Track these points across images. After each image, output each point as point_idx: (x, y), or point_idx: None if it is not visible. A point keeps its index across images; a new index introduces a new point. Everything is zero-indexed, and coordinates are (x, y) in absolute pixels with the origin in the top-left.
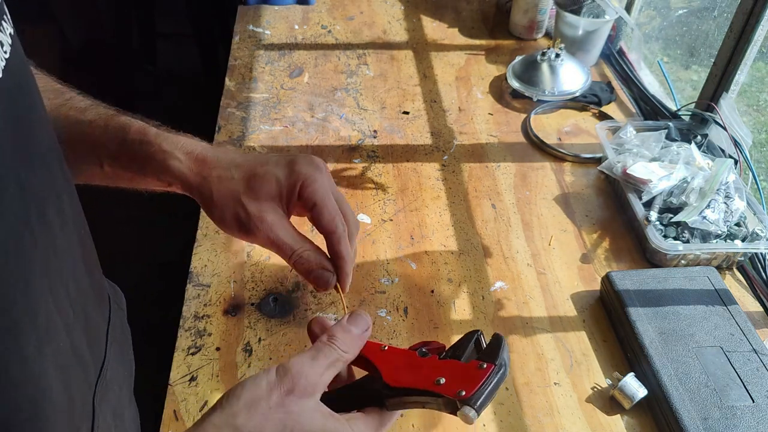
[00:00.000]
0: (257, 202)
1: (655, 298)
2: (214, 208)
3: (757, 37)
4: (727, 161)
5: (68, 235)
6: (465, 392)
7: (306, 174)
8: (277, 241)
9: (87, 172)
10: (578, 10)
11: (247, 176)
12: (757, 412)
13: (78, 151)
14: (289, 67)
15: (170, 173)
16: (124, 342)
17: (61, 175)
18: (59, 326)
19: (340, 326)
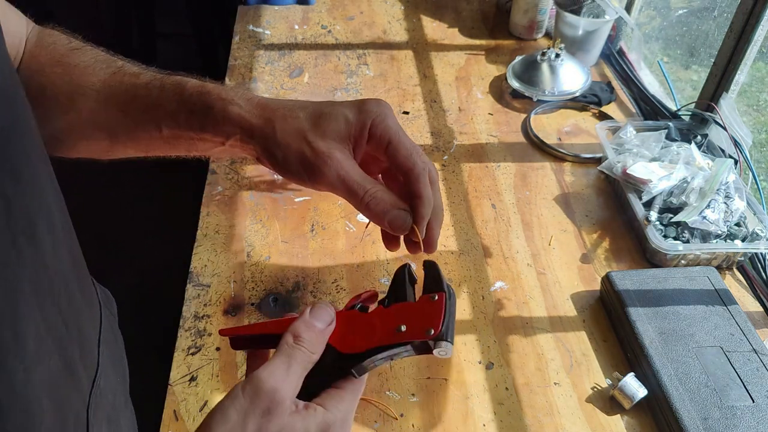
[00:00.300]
0: (324, 141)
1: (655, 298)
2: (276, 149)
3: (757, 37)
4: (727, 161)
5: (59, 250)
6: (433, 330)
7: (376, 112)
8: (347, 178)
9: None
10: (578, 10)
11: (313, 115)
12: (757, 412)
13: (136, 117)
14: (289, 67)
15: (231, 120)
16: (116, 348)
17: (51, 188)
18: (50, 346)
19: (303, 323)
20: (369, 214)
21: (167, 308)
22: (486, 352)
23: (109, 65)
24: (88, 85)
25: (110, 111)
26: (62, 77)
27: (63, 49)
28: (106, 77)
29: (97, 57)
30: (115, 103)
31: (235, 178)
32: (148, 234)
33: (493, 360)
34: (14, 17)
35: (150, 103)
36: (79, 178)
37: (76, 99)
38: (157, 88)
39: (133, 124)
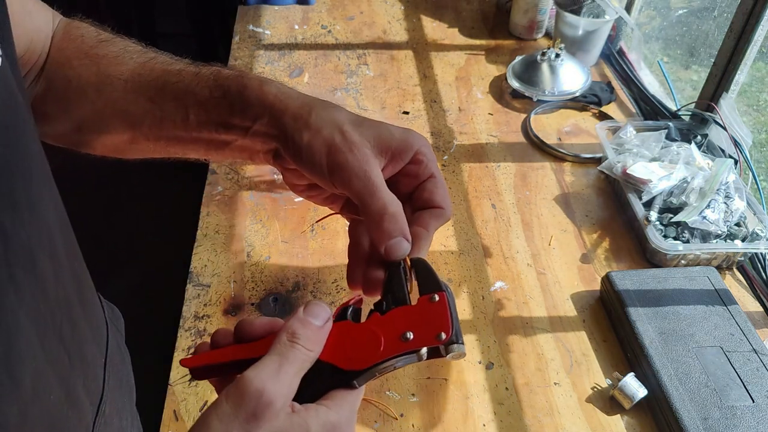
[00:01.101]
0: (361, 137)
1: (655, 298)
2: (305, 132)
3: (757, 37)
4: (727, 161)
5: (61, 276)
6: (444, 333)
7: (423, 143)
8: (371, 177)
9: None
10: (578, 10)
11: (356, 117)
12: (757, 412)
13: (164, 106)
14: (289, 67)
15: (263, 100)
16: (123, 367)
17: (53, 211)
18: (51, 380)
19: (298, 320)
20: (376, 227)
21: (167, 308)
22: (486, 352)
23: (140, 55)
24: (116, 75)
25: (138, 100)
26: (89, 68)
27: (91, 41)
28: (136, 66)
29: (126, 47)
30: (144, 91)
31: (235, 178)
32: (148, 234)
33: (493, 360)
34: (40, 11)
35: (181, 90)
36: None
37: (102, 89)
38: (192, 74)
39: (159, 113)
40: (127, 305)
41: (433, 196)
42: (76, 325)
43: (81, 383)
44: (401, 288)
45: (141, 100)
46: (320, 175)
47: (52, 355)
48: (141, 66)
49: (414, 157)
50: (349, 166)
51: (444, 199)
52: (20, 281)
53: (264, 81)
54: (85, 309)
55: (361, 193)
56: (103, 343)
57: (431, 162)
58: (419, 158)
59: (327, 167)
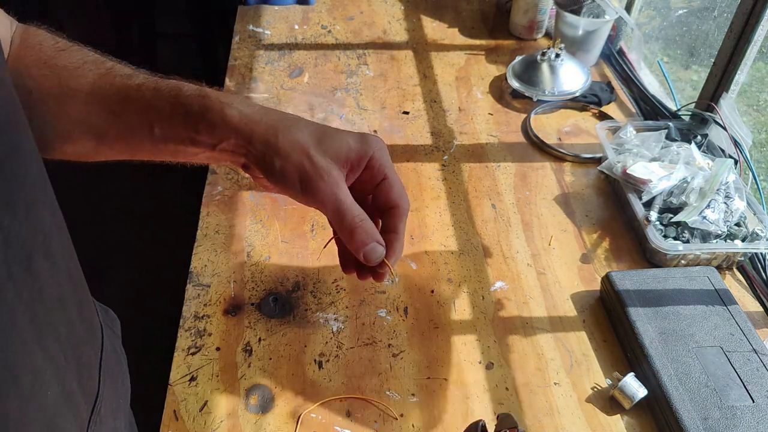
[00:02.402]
0: (325, 159)
1: (655, 298)
2: (276, 158)
3: (757, 37)
4: (727, 161)
5: (57, 277)
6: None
7: (376, 147)
8: (339, 199)
9: (135, 142)
10: (578, 10)
11: (317, 133)
12: (757, 412)
13: (127, 119)
14: (289, 67)
15: (228, 124)
16: (119, 369)
17: (49, 213)
18: (49, 377)
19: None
20: (350, 239)
21: (167, 308)
22: (486, 352)
23: (98, 66)
24: (77, 87)
25: (100, 113)
26: (50, 79)
27: (50, 51)
28: (96, 78)
29: (85, 58)
30: (106, 105)
31: (235, 178)
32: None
33: (493, 360)
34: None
35: (143, 105)
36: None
37: (64, 101)
38: (152, 90)
39: (124, 126)
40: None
41: (389, 195)
42: (72, 326)
43: (77, 382)
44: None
45: (103, 113)
46: (293, 195)
47: (49, 354)
48: (101, 78)
49: (368, 163)
50: (321, 192)
51: (399, 197)
52: (17, 280)
53: (225, 103)
54: (80, 310)
55: (333, 213)
56: (98, 345)
57: (383, 165)
58: (371, 164)
59: (300, 191)
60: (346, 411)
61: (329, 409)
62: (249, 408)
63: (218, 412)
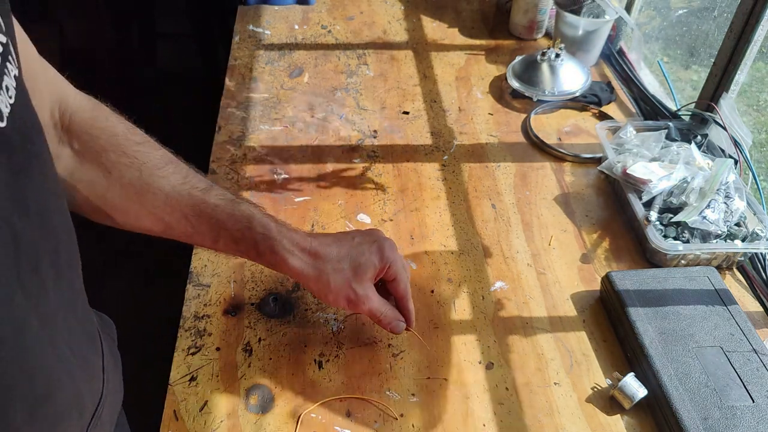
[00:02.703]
0: (362, 285)
1: (655, 298)
2: (329, 293)
3: (757, 37)
4: (727, 161)
5: (60, 284)
6: None
7: (390, 258)
8: (374, 310)
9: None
10: (578, 10)
11: (353, 267)
12: (757, 412)
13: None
14: (289, 67)
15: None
16: (115, 372)
17: (61, 223)
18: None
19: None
20: (380, 324)
21: (167, 308)
22: (486, 352)
23: (177, 170)
24: (158, 186)
25: (174, 214)
26: (131, 171)
27: (126, 141)
28: (175, 184)
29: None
30: (182, 209)
31: (235, 178)
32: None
33: (493, 360)
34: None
35: (215, 224)
36: None
37: (144, 195)
38: (227, 213)
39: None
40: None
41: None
42: (74, 331)
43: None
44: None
45: (177, 215)
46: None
47: (62, 355)
48: (180, 185)
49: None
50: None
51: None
52: (27, 283)
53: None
54: (78, 317)
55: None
56: (99, 349)
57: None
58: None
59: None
60: (346, 411)
61: (329, 409)
62: (249, 408)
63: (218, 412)
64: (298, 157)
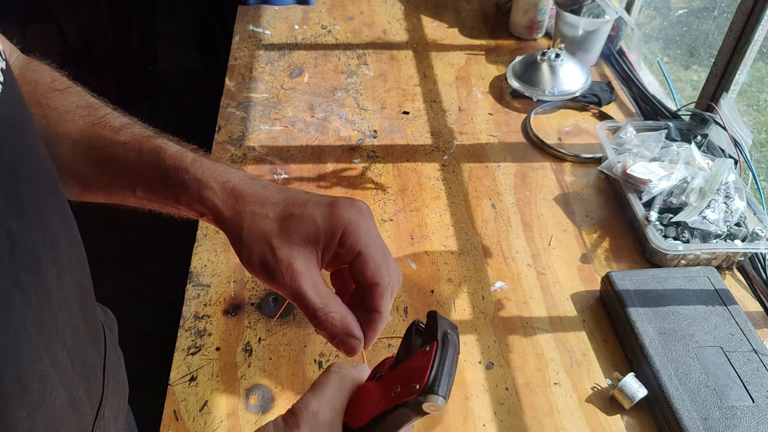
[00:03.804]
0: (289, 247)
1: (655, 298)
2: (242, 247)
3: (757, 37)
4: (727, 161)
5: (63, 281)
6: (418, 384)
7: (348, 218)
8: (301, 293)
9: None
10: (578, 10)
11: (282, 216)
12: (757, 412)
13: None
14: (289, 67)
15: (203, 203)
16: (119, 369)
17: (59, 218)
18: (56, 384)
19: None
20: (322, 332)
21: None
22: (486, 352)
23: (90, 113)
24: (64, 133)
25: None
26: (40, 120)
27: (44, 90)
28: (85, 126)
29: (78, 102)
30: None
31: None
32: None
33: (493, 360)
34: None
35: (126, 165)
36: None
37: (51, 144)
38: (135, 150)
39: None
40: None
41: (364, 273)
42: (77, 330)
43: (83, 387)
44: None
45: (89, 164)
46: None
47: (57, 360)
48: (90, 126)
49: (340, 239)
50: (282, 284)
51: (374, 274)
52: (25, 286)
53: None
54: (84, 314)
55: (298, 304)
56: (102, 348)
57: (358, 238)
58: (344, 239)
59: (266, 280)
60: None
61: None
62: (249, 408)
63: (218, 412)
64: (298, 157)
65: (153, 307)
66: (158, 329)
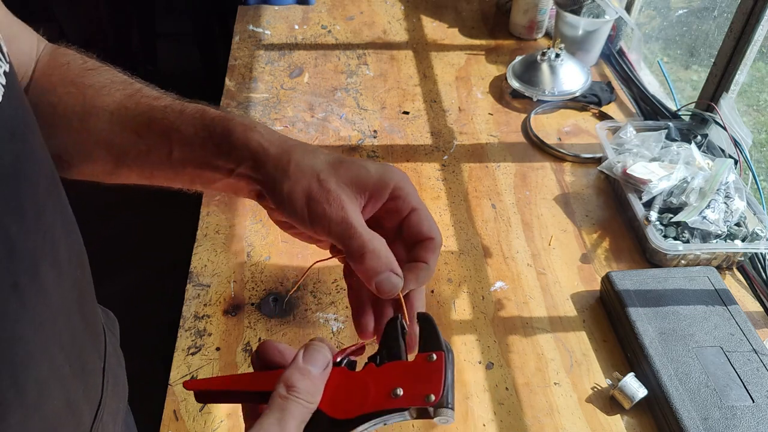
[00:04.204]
0: (337, 183)
1: (655, 298)
2: (285, 180)
3: (757, 37)
4: (727, 161)
5: (63, 284)
6: (434, 396)
7: (400, 177)
8: (347, 221)
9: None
10: (578, 10)
11: (333, 160)
12: (757, 412)
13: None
14: (289, 67)
15: (248, 146)
16: (119, 371)
17: (59, 220)
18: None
19: (296, 369)
20: (361, 267)
21: (167, 308)
22: (486, 352)
23: (126, 87)
24: (101, 106)
25: (123, 133)
26: (75, 97)
27: (77, 70)
28: (122, 98)
29: (113, 78)
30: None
31: None
32: (148, 233)
33: (493, 360)
34: (25, 35)
35: (167, 126)
36: None
37: (87, 119)
38: (177, 111)
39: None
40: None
41: (419, 227)
42: (76, 333)
43: (81, 390)
44: (396, 342)
45: (126, 133)
46: (301, 223)
47: (54, 364)
48: (127, 98)
49: (392, 194)
50: (327, 215)
51: (430, 229)
52: (24, 290)
53: (248, 126)
54: (84, 316)
55: (341, 237)
56: (102, 350)
57: (410, 195)
58: (397, 194)
59: (307, 216)
60: None
61: None
62: None
63: (218, 412)
64: None
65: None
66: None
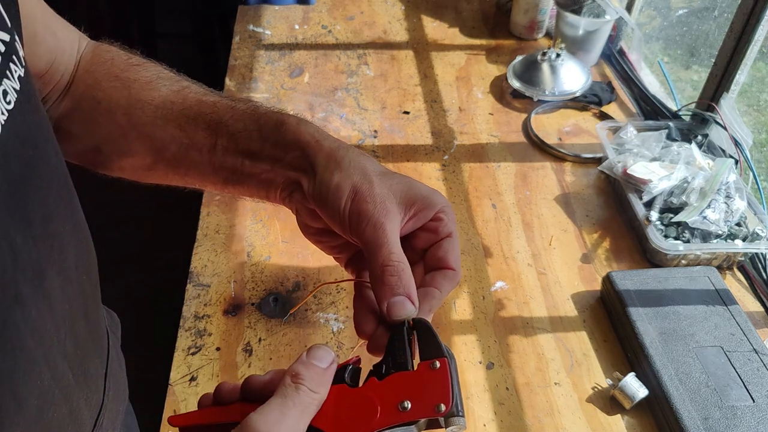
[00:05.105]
0: (388, 190)
1: (656, 298)
2: (337, 172)
3: (758, 37)
4: (728, 161)
5: (68, 290)
6: (444, 405)
7: (446, 203)
8: (384, 229)
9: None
10: (579, 10)
11: (386, 170)
12: (757, 412)
13: (193, 135)
14: (289, 67)
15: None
16: (120, 374)
17: (69, 226)
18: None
19: (302, 363)
20: (379, 282)
21: (167, 308)
22: (486, 352)
23: (173, 83)
24: (147, 100)
25: (166, 127)
26: (120, 91)
27: (122, 65)
28: (169, 93)
29: (159, 74)
30: (175, 119)
31: None
32: (148, 233)
33: (494, 360)
34: (65, 32)
35: (214, 120)
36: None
37: (131, 113)
38: (228, 107)
39: (186, 141)
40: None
41: (448, 255)
42: (79, 340)
43: (83, 398)
44: (403, 352)
45: (169, 127)
46: (338, 218)
47: (57, 373)
48: (174, 93)
49: (435, 215)
50: (368, 215)
51: (456, 260)
52: (26, 299)
53: (301, 121)
54: (88, 322)
55: (371, 242)
56: (104, 355)
57: (451, 222)
58: (440, 216)
59: (348, 211)
60: None
61: None
62: None
63: None
64: None
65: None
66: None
